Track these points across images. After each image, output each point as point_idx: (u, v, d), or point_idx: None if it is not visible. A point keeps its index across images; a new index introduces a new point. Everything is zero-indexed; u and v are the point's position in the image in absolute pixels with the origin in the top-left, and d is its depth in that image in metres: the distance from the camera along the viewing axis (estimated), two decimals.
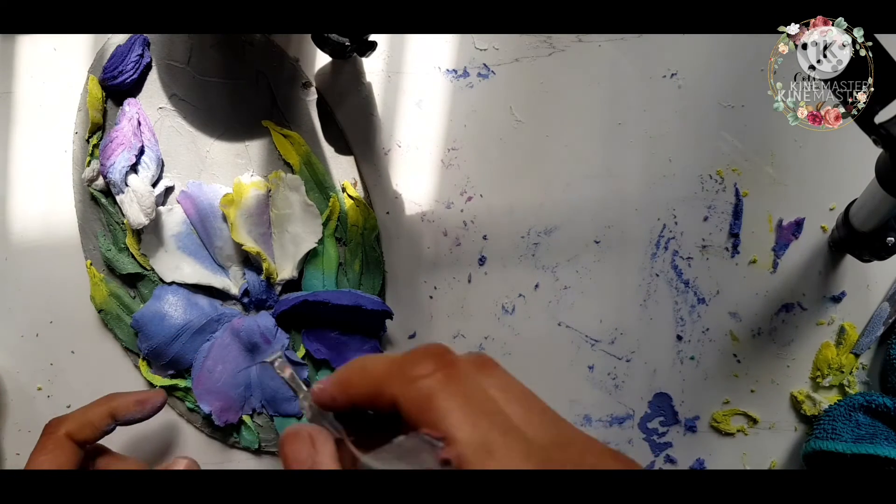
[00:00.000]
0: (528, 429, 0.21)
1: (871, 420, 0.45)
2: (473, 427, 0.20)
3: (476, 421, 0.20)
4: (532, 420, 0.22)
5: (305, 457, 0.23)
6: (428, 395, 0.21)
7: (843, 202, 0.46)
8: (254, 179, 0.48)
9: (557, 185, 0.49)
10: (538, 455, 0.20)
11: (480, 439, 0.20)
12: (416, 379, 0.21)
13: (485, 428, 0.20)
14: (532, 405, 0.23)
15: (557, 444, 0.21)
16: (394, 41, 0.50)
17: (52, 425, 0.40)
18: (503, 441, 0.20)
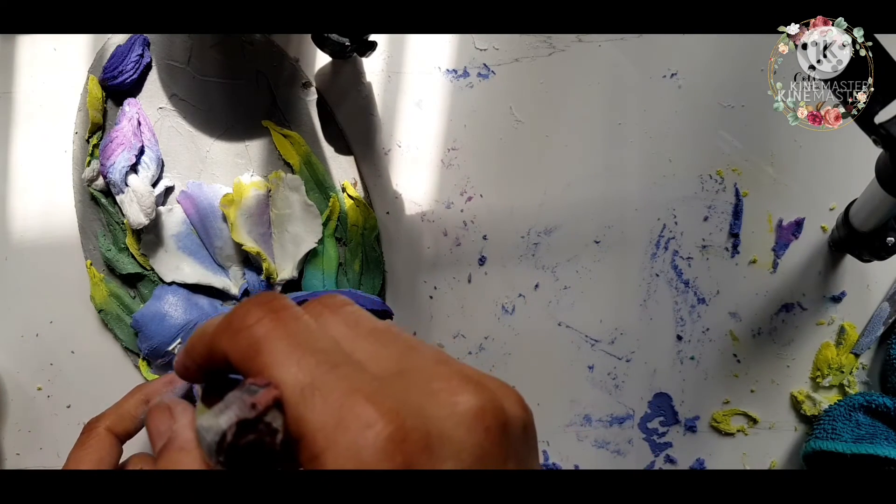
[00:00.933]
0: (370, 363, 0.20)
1: (871, 420, 0.45)
2: (298, 366, 0.19)
3: (302, 359, 0.19)
4: (378, 353, 0.20)
5: (165, 428, 0.22)
6: (254, 342, 0.19)
7: (843, 202, 0.46)
8: (254, 179, 0.48)
9: (557, 185, 0.49)
10: (368, 387, 0.18)
11: (305, 378, 0.18)
12: (242, 329, 0.20)
13: (310, 365, 0.19)
14: (382, 338, 0.21)
15: (399, 373, 0.19)
16: (394, 41, 0.50)
17: (91, 423, 0.40)
18: (329, 377, 0.18)
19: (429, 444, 0.18)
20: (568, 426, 0.49)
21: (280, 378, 0.19)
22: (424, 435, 0.18)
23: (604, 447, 0.49)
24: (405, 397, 0.18)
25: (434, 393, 0.19)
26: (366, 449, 0.17)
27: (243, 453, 0.18)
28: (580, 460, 0.49)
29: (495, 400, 0.19)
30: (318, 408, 0.18)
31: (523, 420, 0.21)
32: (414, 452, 0.17)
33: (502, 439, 0.19)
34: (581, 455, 0.49)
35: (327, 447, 0.17)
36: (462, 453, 0.18)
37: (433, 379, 0.19)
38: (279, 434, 0.18)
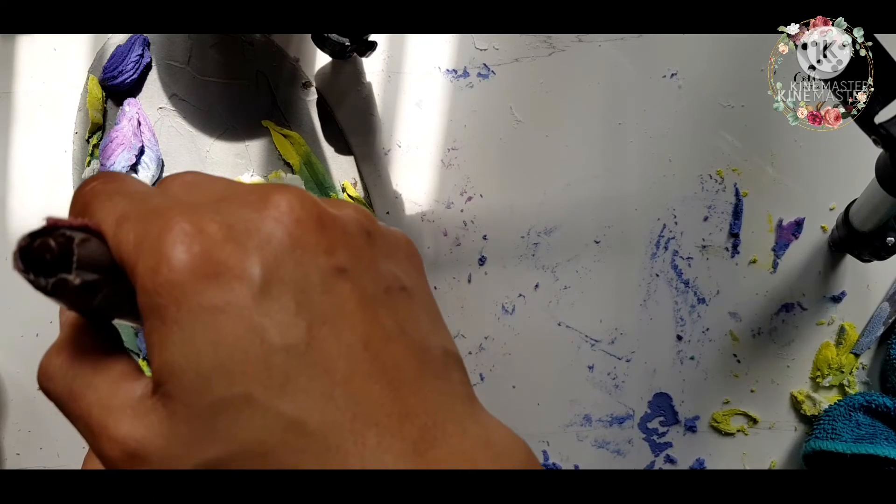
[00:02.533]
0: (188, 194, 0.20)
1: (870, 420, 0.45)
2: (112, 203, 0.19)
3: (118, 200, 0.19)
4: (201, 188, 0.20)
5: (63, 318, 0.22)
6: (85, 201, 0.20)
7: (843, 202, 0.46)
8: (254, 179, 0.48)
9: (557, 185, 0.49)
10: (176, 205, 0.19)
11: (119, 211, 0.19)
12: (78, 195, 0.20)
13: (124, 203, 0.19)
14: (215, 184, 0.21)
15: (219, 200, 0.19)
16: (394, 41, 0.50)
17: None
18: (141, 205, 0.19)
19: (231, 235, 0.18)
20: (568, 426, 0.49)
21: (98, 216, 0.19)
22: (226, 227, 0.18)
23: (604, 447, 0.49)
24: (215, 209, 0.19)
25: (248, 202, 0.19)
26: (164, 245, 0.17)
27: (37, 257, 0.19)
28: (580, 460, 0.49)
29: (307, 197, 0.19)
30: (129, 229, 0.18)
31: (362, 225, 0.20)
32: (214, 242, 0.18)
33: (320, 229, 0.19)
34: (581, 455, 0.49)
35: (137, 256, 0.18)
36: (271, 242, 0.18)
37: (250, 194, 0.19)
38: (75, 240, 0.18)
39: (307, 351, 0.18)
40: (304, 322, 0.18)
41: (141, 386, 0.20)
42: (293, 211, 0.19)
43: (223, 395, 0.17)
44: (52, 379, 0.20)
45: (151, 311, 0.18)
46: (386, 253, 0.21)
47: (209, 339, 0.17)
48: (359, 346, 0.18)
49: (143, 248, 0.18)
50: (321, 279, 0.18)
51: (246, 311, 0.17)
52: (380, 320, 0.19)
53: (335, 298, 0.18)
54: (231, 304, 0.17)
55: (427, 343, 0.20)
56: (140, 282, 0.18)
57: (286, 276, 0.18)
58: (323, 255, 0.19)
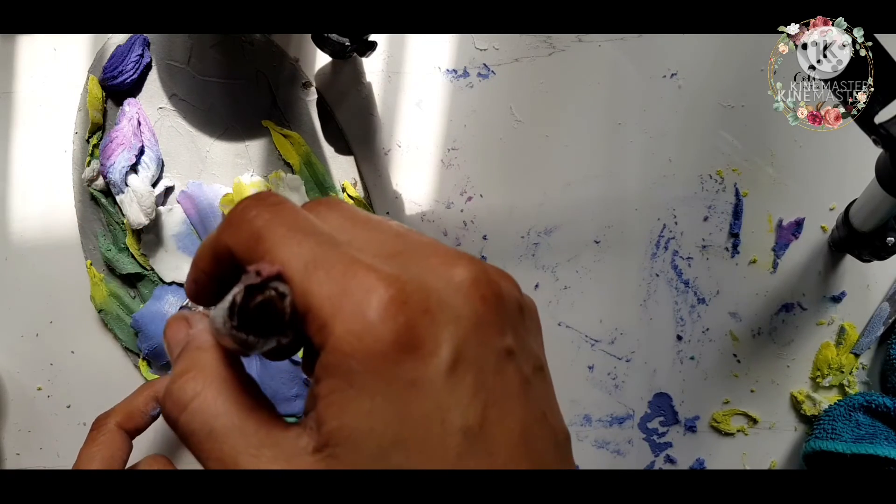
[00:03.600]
0: (368, 245, 0.20)
1: (870, 420, 0.45)
2: (299, 245, 0.19)
3: (302, 240, 0.19)
4: (375, 238, 0.20)
5: (182, 335, 0.22)
6: (255, 231, 0.19)
7: (844, 202, 0.46)
8: (254, 179, 0.48)
9: (557, 185, 0.49)
10: (369, 260, 0.18)
11: (308, 255, 0.18)
12: (242, 223, 0.20)
13: (311, 244, 0.19)
14: (378, 226, 0.21)
15: (396, 252, 0.20)
16: (394, 41, 0.50)
17: (100, 420, 0.40)
18: (331, 253, 0.19)
19: (429, 308, 0.18)
20: (568, 426, 0.49)
21: (283, 257, 0.19)
22: (424, 298, 0.18)
23: (604, 447, 0.49)
24: (404, 268, 0.19)
25: (431, 266, 0.19)
26: (370, 311, 0.17)
27: (253, 315, 0.18)
28: (580, 460, 0.49)
29: (488, 273, 0.20)
30: (322, 279, 0.18)
31: (518, 300, 0.21)
32: (416, 313, 0.18)
33: (498, 309, 0.19)
34: (581, 455, 0.49)
35: (334, 314, 0.18)
36: (461, 319, 0.18)
37: (430, 255, 0.20)
38: (287, 297, 0.18)
39: (479, 434, 0.18)
40: (480, 404, 0.18)
41: (296, 437, 0.19)
42: (480, 287, 0.19)
43: (397, 467, 0.18)
44: (188, 411, 0.20)
45: (340, 372, 0.18)
46: (532, 329, 0.22)
47: (397, 412, 0.17)
48: (517, 431, 0.19)
49: (343, 308, 0.18)
50: (496, 360, 0.19)
51: (435, 389, 0.18)
52: (532, 405, 0.20)
53: (504, 380, 0.19)
54: (423, 380, 0.18)
55: (557, 427, 0.21)
56: (334, 342, 0.18)
57: (470, 355, 0.18)
58: (499, 335, 0.19)
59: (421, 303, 0.18)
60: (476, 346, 0.18)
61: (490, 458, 0.18)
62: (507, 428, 0.19)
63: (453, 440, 0.18)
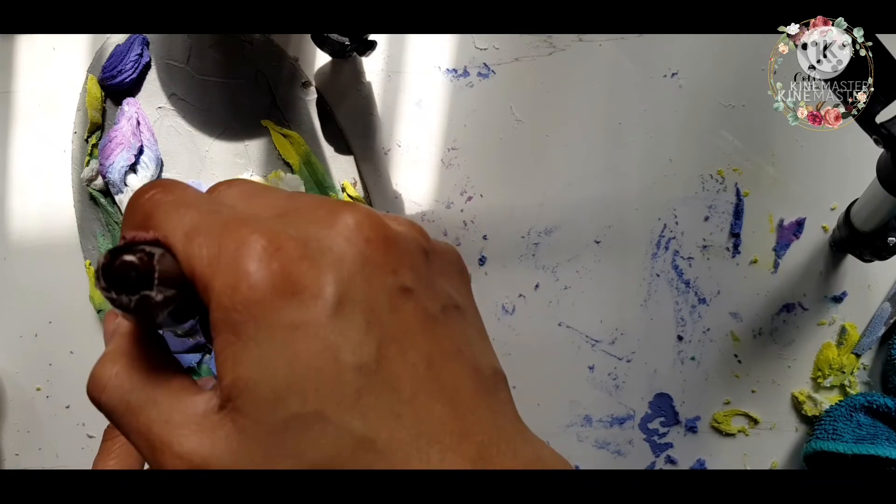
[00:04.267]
0: (255, 210, 0.20)
1: (872, 420, 0.44)
2: (180, 217, 0.19)
3: (186, 212, 0.19)
4: (265, 202, 0.20)
5: (112, 326, 0.22)
6: (146, 211, 0.20)
7: (845, 202, 0.46)
8: (253, 179, 0.48)
9: (557, 185, 0.49)
10: (243, 220, 0.19)
11: (188, 224, 0.19)
12: (136, 205, 0.20)
13: (192, 215, 0.19)
14: (273, 194, 0.21)
15: (285, 213, 0.20)
16: (394, 41, 0.50)
17: (112, 428, 0.40)
18: (210, 218, 0.19)
19: (306, 253, 0.18)
20: (568, 426, 0.49)
21: (165, 230, 0.19)
22: (301, 245, 0.18)
23: (604, 448, 0.49)
24: (286, 223, 0.19)
25: (317, 218, 0.19)
26: (243, 262, 0.18)
27: (118, 275, 0.18)
28: (580, 461, 0.49)
29: (374, 216, 0.20)
30: (202, 243, 0.18)
31: (419, 243, 0.21)
32: (291, 259, 0.18)
33: (388, 249, 0.19)
34: (581, 455, 0.49)
35: (213, 273, 0.18)
36: (344, 261, 0.18)
37: (316, 209, 0.20)
38: (155, 256, 0.18)
39: (377, 369, 0.18)
40: (374, 341, 0.18)
41: (204, 400, 0.19)
42: (362, 230, 0.19)
43: (296, 412, 0.17)
44: (107, 390, 0.20)
45: (226, 326, 0.18)
46: (441, 270, 0.22)
47: (286, 357, 0.17)
48: (422, 365, 0.19)
49: (220, 264, 0.18)
50: (389, 299, 0.19)
51: (322, 330, 0.18)
52: (439, 340, 0.20)
53: (401, 318, 0.19)
54: (308, 323, 0.17)
55: (479, 362, 0.21)
56: (216, 298, 0.18)
57: (357, 295, 0.18)
58: (390, 274, 0.19)
59: (297, 249, 0.18)
60: (364, 286, 0.18)
61: (395, 394, 0.18)
62: (409, 362, 0.18)
63: (349, 377, 0.17)
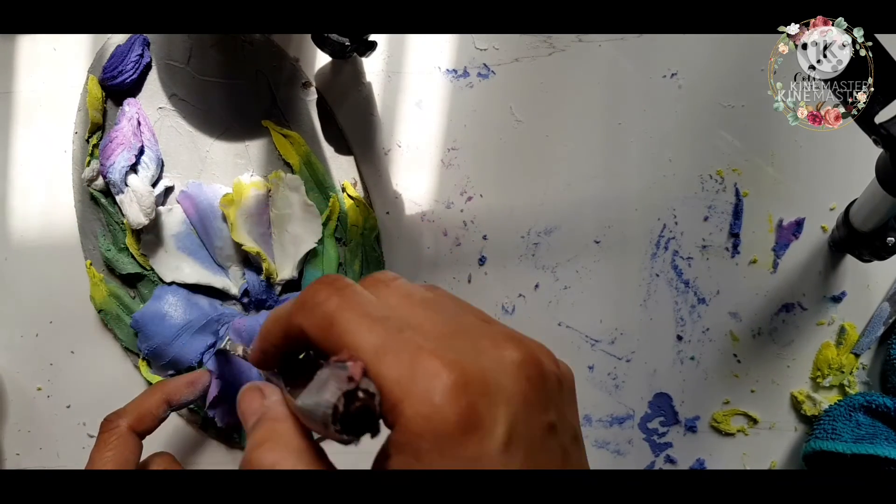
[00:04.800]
0: (426, 325, 0.22)
1: (871, 420, 0.44)
2: (369, 332, 0.21)
3: (371, 327, 0.21)
4: (432, 318, 0.23)
5: (257, 406, 0.24)
6: (327, 315, 0.22)
7: (844, 202, 0.46)
8: (254, 179, 0.48)
9: (557, 185, 0.49)
10: (430, 345, 0.21)
11: (377, 342, 0.21)
12: (315, 306, 0.22)
13: (379, 331, 0.21)
14: (432, 305, 0.23)
15: (451, 333, 0.22)
16: (394, 41, 0.50)
17: (110, 421, 0.40)
18: (397, 338, 0.21)
19: (486, 390, 0.20)
20: None
21: (356, 344, 0.21)
22: (482, 381, 0.20)
23: (604, 447, 0.49)
24: (461, 352, 0.21)
25: (484, 348, 0.22)
26: (436, 394, 0.20)
27: (354, 418, 0.20)
28: None
29: (533, 354, 0.22)
30: (392, 363, 0.21)
31: (556, 374, 0.24)
32: (475, 396, 0.20)
33: (542, 387, 0.22)
34: None
35: (403, 397, 0.20)
36: (511, 399, 0.21)
37: (481, 337, 0.22)
38: (377, 396, 0.20)
39: None
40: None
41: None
42: (525, 368, 0.22)
43: None
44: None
45: (410, 450, 0.20)
46: (569, 400, 0.24)
47: None
48: None
49: (412, 391, 0.20)
50: (541, 436, 0.21)
51: (492, 465, 0.20)
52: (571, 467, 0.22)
53: (549, 455, 0.22)
54: (482, 458, 0.20)
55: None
56: (405, 422, 0.20)
57: (521, 432, 0.21)
58: (543, 412, 0.22)
59: (480, 386, 0.20)
60: (525, 424, 0.21)
61: None
62: None
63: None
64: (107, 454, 0.39)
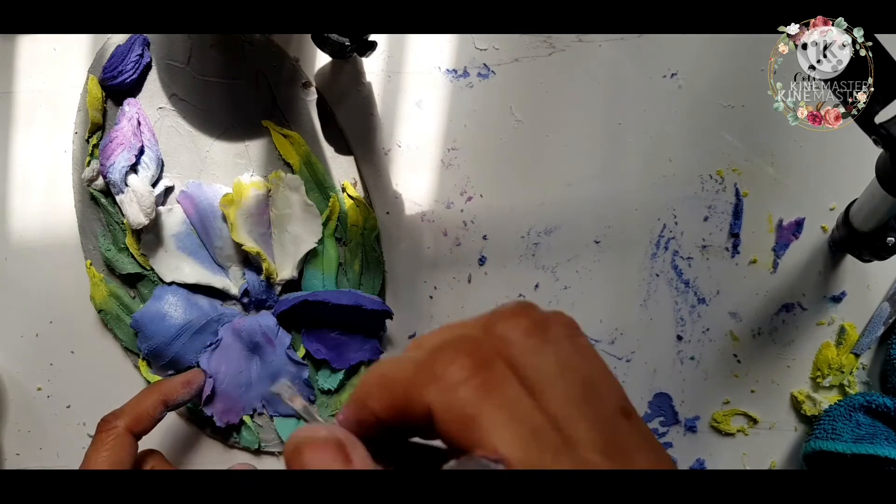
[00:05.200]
0: (577, 429, 0.20)
1: (871, 420, 0.44)
2: (526, 449, 0.19)
3: (527, 441, 0.19)
4: (586, 414, 0.20)
5: (339, 468, 0.20)
6: (468, 407, 0.19)
7: (844, 202, 0.46)
8: (254, 179, 0.48)
9: (557, 185, 0.49)
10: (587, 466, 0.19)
11: (528, 460, 0.18)
12: (452, 386, 0.19)
13: (532, 448, 0.19)
14: (590, 393, 0.20)
15: (606, 448, 0.20)
16: (394, 41, 0.50)
17: (107, 421, 0.40)
18: (553, 462, 0.19)
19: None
20: None
21: (509, 458, 0.18)
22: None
23: None
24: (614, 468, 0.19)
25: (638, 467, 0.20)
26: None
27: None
28: None
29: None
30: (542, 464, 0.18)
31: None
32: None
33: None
34: None
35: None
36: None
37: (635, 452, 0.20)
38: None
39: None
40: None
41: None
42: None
43: None
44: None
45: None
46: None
47: None
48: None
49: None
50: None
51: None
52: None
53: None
54: None
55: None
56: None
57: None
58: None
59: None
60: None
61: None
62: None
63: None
64: (102, 454, 0.39)
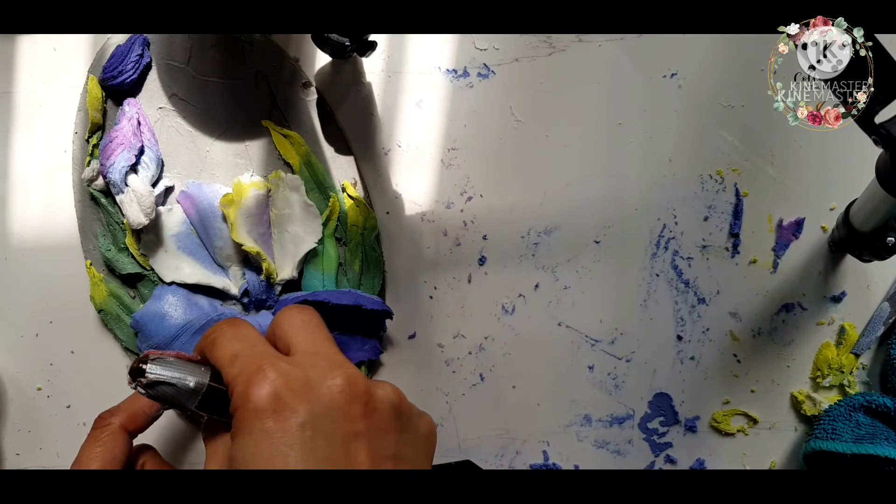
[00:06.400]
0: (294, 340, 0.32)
1: (871, 420, 0.45)
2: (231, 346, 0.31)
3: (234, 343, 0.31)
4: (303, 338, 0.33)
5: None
6: (212, 340, 0.32)
7: (844, 202, 0.46)
8: (254, 179, 0.48)
9: (557, 185, 0.49)
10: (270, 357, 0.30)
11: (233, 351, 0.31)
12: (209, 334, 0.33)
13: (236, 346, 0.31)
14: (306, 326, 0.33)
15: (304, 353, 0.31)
16: (394, 41, 0.50)
17: (103, 418, 0.40)
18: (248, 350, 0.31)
19: (294, 387, 0.28)
20: (568, 426, 0.49)
21: (217, 354, 0.31)
22: (295, 381, 0.29)
23: (604, 447, 0.49)
24: (296, 363, 0.30)
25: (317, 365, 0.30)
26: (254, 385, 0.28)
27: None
28: (580, 460, 0.49)
29: (359, 381, 0.30)
30: (237, 366, 0.30)
31: (396, 407, 0.31)
32: (284, 388, 0.28)
33: (357, 405, 0.29)
34: (581, 455, 0.49)
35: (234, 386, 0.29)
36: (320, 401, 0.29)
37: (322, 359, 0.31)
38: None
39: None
40: (316, 458, 0.27)
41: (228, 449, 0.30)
42: (345, 388, 0.29)
43: None
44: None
45: (235, 420, 0.29)
46: (403, 430, 0.31)
47: (256, 450, 0.28)
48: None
49: (239, 380, 0.29)
50: (342, 436, 0.29)
51: (283, 438, 0.27)
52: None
53: (348, 453, 0.29)
54: (276, 431, 0.28)
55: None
56: (234, 401, 0.29)
57: (320, 426, 0.28)
58: (349, 421, 0.29)
59: (291, 383, 0.28)
60: (327, 422, 0.28)
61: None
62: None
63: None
64: (96, 450, 0.39)
